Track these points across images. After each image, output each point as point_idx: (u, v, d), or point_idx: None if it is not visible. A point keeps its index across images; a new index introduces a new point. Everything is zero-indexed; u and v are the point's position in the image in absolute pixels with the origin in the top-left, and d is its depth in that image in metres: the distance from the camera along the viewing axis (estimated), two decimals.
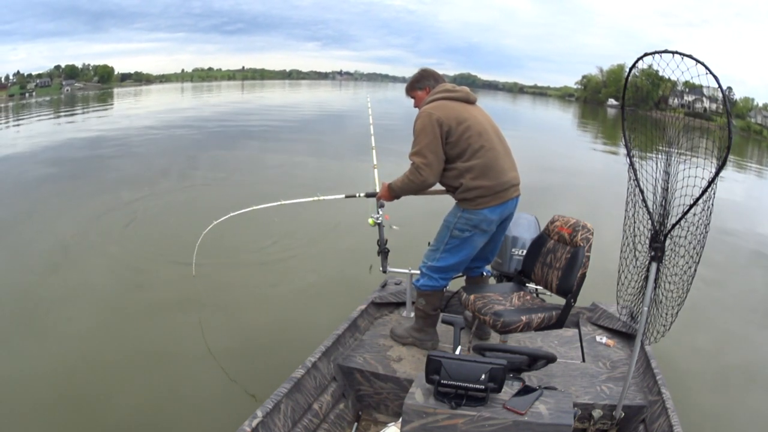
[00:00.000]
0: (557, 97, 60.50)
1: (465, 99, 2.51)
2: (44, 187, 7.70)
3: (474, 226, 2.45)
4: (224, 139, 13.09)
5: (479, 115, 2.51)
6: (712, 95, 1.78)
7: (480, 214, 2.42)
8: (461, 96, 2.51)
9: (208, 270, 4.77)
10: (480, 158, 2.40)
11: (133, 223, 6.25)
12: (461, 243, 2.50)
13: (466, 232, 2.46)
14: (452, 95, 2.49)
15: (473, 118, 2.46)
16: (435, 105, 2.46)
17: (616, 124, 31.17)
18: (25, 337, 3.57)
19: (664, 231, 1.91)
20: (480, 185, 2.39)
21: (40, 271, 4.66)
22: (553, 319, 2.35)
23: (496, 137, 2.50)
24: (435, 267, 2.56)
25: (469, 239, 2.49)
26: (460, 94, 2.51)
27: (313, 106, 24.34)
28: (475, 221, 2.44)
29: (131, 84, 47.68)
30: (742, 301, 4.76)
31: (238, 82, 52.66)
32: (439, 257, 2.55)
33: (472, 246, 2.52)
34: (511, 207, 2.53)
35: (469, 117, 2.44)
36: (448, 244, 2.51)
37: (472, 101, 2.54)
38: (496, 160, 2.43)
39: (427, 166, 2.38)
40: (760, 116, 37.60)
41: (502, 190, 2.44)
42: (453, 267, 2.58)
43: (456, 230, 2.48)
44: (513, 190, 2.49)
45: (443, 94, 2.50)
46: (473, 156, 2.39)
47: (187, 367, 3.30)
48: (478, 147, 2.40)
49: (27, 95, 36.52)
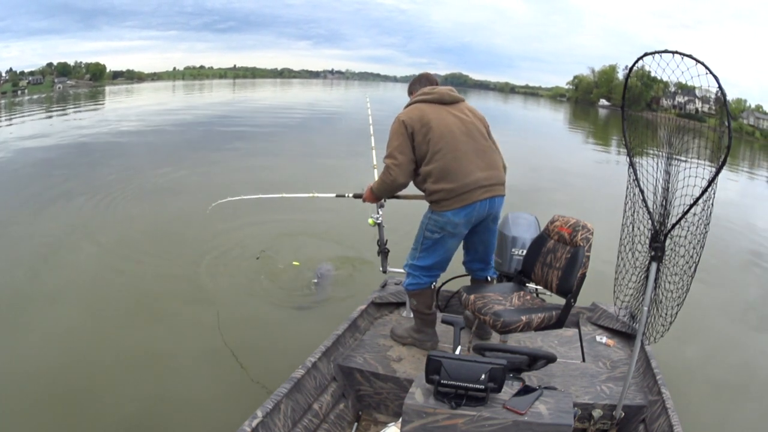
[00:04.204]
0: (548, 97, 60.40)
1: (438, 101, 2.51)
2: (34, 184, 7.64)
3: (441, 228, 2.49)
4: (221, 141, 13.00)
5: (449, 117, 2.47)
6: (704, 96, 1.79)
7: (444, 216, 2.45)
8: (434, 98, 2.52)
9: (207, 269, 4.78)
10: (438, 161, 2.41)
11: (126, 217, 6.27)
12: (434, 244, 2.54)
13: (435, 233, 2.51)
14: (425, 98, 2.52)
15: (439, 120, 2.45)
16: (407, 109, 2.54)
17: (607, 125, 31.29)
18: (14, 335, 3.55)
19: (664, 231, 1.91)
20: (440, 188, 2.41)
21: (26, 270, 4.63)
22: (553, 319, 2.35)
23: (465, 138, 2.45)
24: (415, 266, 2.61)
25: (440, 240, 2.52)
26: (434, 96, 2.52)
27: (305, 107, 24.05)
28: (441, 223, 2.47)
29: (123, 82, 47.51)
30: (741, 302, 4.77)
31: (229, 81, 52.56)
32: (418, 256, 2.60)
33: (444, 247, 2.55)
34: (480, 209, 2.46)
35: (434, 119, 2.44)
36: (423, 244, 2.57)
37: (447, 102, 2.52)
38: (458, 162, 2.41)
39: (396, 166, 2.44)
40: (753, 117, 37.67)
41: (465, 192, 2.40)
42: (433, 266, 2.60)
43: (427, 231, 2.54)
44: (481, 191, 2.43)
45: (419, 97, 2.55)
46: (432, 159, 2.42)
47: (186, 366, 3.29)
48: (436, 150, 2.41)
49: (19, 93, 36.20)
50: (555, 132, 23.07)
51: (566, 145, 18.15)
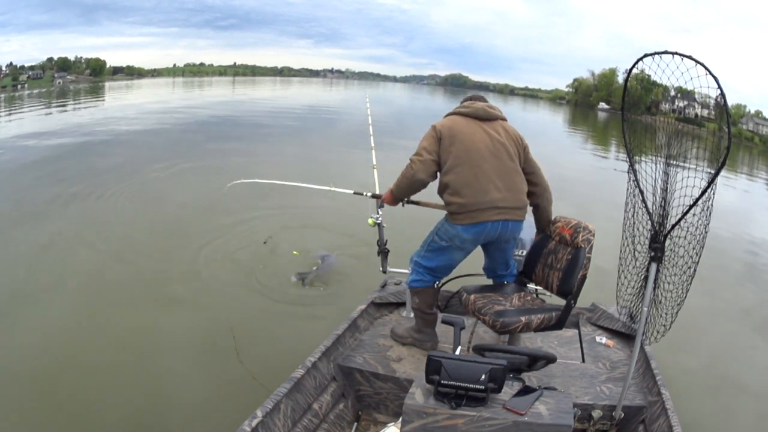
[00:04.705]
0: (548, 99, 60.30)
1: (473, 115, 2.53)
2: (39, 179, 7.65)
3: (449, 239, 2.50)
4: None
5: (479, 133, 2.47)
6: (704, 101, 1.79)
7: (454, 229, 2.46)
8: (470, 112, 2.54)
9: (207, 269, 4.78)
10: (457, 174, 2.41)
11: (126, 213, 6.28)
12: (439, 249, 2.56)
13: (443, 241, 2.53)
14: (462, 110, 2.56)
15: (468, 134, 2.46)
16: (443, 118, 2.57)
17: (606, 129, 31.21)
18: (11, 332, 3.54)
19: (663, 231, 1.92)
20: (454, 201, 2.42)
21: (23, 267, 4.63)
22: (553, 320, 2.35)
23: (489, 156, 2.43)
24: (419, 263, 2.63)
25: (446, 249, 2.54)
26: (470, 110, 2.54)
27: (304, 107, 23.82)
28: (450, 234, 2.49)
29: (123, 78, 47.35)
30: (740, 304, 4.78)
31: (229, 78, 52.46)
32: (423, 254, 2.62)
33: (449, 256, 2.56)
34: (492, 230, 2.43)
35: (463, 132, 2.46)
36: (430, 246, 2.59)
37: (481, 117, 2.52)
38: (476, 179, 2.40)
39: (419, 162, 2.46)
40: (752, 123, 37.69)
41: (477, 210, 2.39)
42: (436, 269, 2.61)
43: (437, 236, 2.56)
44: (494, 212, 2.40)
45: (456, 109, 2.59)
46: (451, 171, 2.43)
47: (186, 366, 3.29)
48: (457, 162, 2.42)
49: (19, 87, 35.96)
50: (554, 135, 23.05)
51: (565, 148, 18.12)
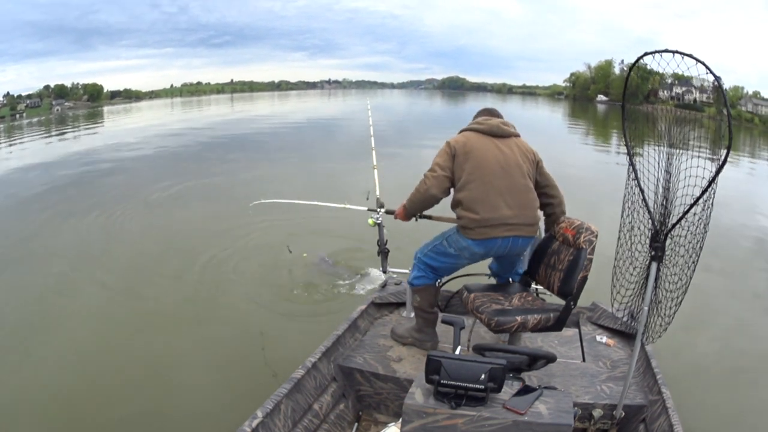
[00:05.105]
0: (546, 96, 60.12)
1: (488, 132, 2.53)
2: (37, 209, 7.47)
3: (459, 249, 2.52)
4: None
5: (492, 150, 2.47)
6: (702, 86, 1.79)
7: (465, 241, 2.48)
8: (484, 129, 2.54)
9: (209, 274, 4.79)
10: (469, 191, 2.43)
11: (142, 226, 6.30)
12: (446, 254, 2.58)
13: (451, 248, 2.55)
14: (476, 127, 2.56)
15: (481, 151, 2.46)
16: (458, 134, 2.58)
17: (606, 121, 31.12)
18: (22, 351, 3.55)
19: (664, 230, 1.91)
20: (466, 216, 2.44)
21: (32, 297, 4.50)
22: (550, 321, 2.35)
23: (501, 173, 2.44)
24: (423, 261, 2.65)
25: (453, 256, 2.57)
26: (484, 127, 2.54)
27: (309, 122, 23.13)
28: (461, 245, 2.51)
29: (121, 101, 47.17)
30: (741, 300, 4.76)
31: (227, 96, 52.39)
32: (428, 254, 2.64)
33: (454, 263, 2.60)
34: (502, 246, 2.46)
35: (476, 149, 2.46)
36: (437, 248, 2.61)
37: (496, 134, 2.52)
38: (487, 195, 2.41)
39: (433, 177, 2.48)
40: (751, 104, 37.42)
41: (487, 226, 2.41)
42: (439, 269, 2.63)
43: (446, 242, 2.57)
44: (503, 229, 2.42)
45: (470, 125, 2.59)
46: (464, 187, 2.45)
47: (186, 366, 3.30)
48: (470, 179, 2.44)
49: (17, 116, 35.83)
50: (554, 130, 22.98)
51: (566, 144, 18.05)
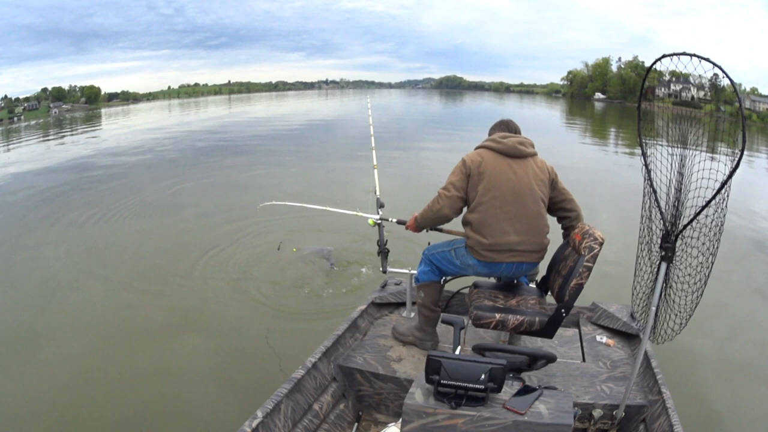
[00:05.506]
0: (544, 94, 60.11)
1: (503, 152, 2.46)
2: (33, 213, 7.45)
3: (465, 265, 2.55)
4: None
5: (506, 172, 2.42)
6: (700, 83, 1.79)
7: (471, 260, 2.49)
8: (500, 148, 2.46)
9: (210, 277, 4.78)
10: (479, 213, 2.42)
11: (147, 221, 6.26)
12: (452, 262, 2.59)
13: (457, 260, 2.56)
14: (492, 145, 2.48)
15: (495, 173, 2.42)
16: (474, 151, 2.53)
17: (604, 118, 31.05)
18: (23, 359, 3.53)
19: (675, 231, 1.90)
20: (473, 237, 2.45)
21: (29, 304, 4.44)
22: (535, 324, 2.32)
23: (512, 197, 2.39)
24: (431, 260, 2.66)
25: (458, 266, 2.58)
26: (500, 146, 2.46)
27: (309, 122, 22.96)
28: (467, 262, 2.52)
29: (118, 103, 47.40)
30: (742, 299, 4.75)
31: (224, 97, 52.27)
32: (435, 254, 2.65)
33: (457, 271, 2.62)
34: (506, 270, 2.47)
35: (490, 170, 2.41)
36: (445, 255, 2.61)
37: (511, 155, 2.45)
38: (496, 219, 2.39)
39: (447, 197, 2.47)
40: (748, 101, 37.48)
41: (494, 251, 2.41)
42: (445, 271, 2.64)
43: (454, 253, 2.57)
44: (509, 254, 2.41)
45: (487, 143, 2.52)
46: (474, 209, 2.44)
47: (186, 367, 3.30)
48: (480, 201, 2.42)
49: (15, 119, 36.18)
50: (552, 129, 22.97)
51: (566, 142, 18.04)
